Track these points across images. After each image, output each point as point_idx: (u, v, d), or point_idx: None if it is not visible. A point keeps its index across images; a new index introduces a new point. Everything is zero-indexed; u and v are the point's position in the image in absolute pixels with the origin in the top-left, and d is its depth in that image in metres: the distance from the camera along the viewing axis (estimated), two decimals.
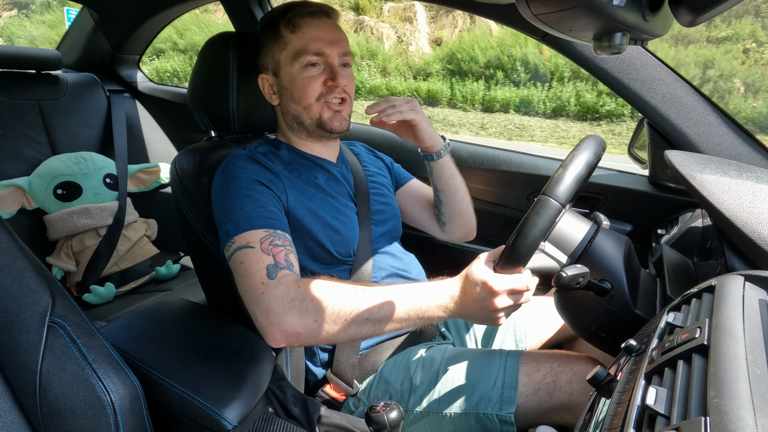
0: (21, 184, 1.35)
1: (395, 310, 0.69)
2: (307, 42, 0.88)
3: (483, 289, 0.65)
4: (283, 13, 0.90)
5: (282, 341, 0.71)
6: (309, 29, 0.89)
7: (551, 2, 0.47)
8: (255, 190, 0.84)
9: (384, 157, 1.19)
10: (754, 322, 0.44)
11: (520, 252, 0.63)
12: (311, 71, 0.89)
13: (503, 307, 0.65)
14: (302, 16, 0.89)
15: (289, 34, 0.89)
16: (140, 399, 0.66)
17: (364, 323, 0.69)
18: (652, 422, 0.38)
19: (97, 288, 1.42)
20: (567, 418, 0.80)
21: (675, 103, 0.97)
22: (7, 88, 1.42)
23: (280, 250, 0.76)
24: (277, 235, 0.78)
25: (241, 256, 0.75)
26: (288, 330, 0.69)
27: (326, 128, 0.93)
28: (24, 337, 0.59)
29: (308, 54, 0.88)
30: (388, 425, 0.59)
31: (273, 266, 0.73)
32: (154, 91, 1.85)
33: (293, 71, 0.90)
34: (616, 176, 1.26)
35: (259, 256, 0.74)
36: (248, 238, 0.76)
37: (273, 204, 0.84)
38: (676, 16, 0.51)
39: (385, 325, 0.70)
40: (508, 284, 0.64)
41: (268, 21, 0.93)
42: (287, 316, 0.69)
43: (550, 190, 0.62)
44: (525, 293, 0.66)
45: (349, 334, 0.70)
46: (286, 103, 0.93)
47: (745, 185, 0.67)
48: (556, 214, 0.62)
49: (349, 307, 0.69)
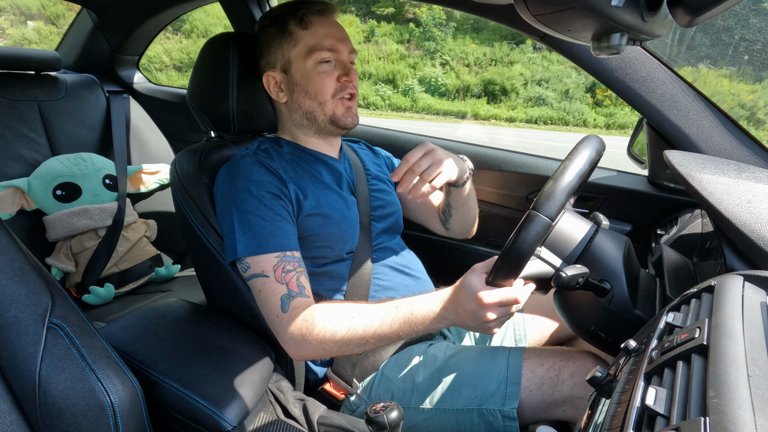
0: (20, 185, 1.35)
1: (393, 327, 0.74)
2: (321, 38, 0.89)
3: (474, 302, 0.66)
4: (292, 10, 0.91)
5: (303, 360, 0.94)
6: (321, 26, 0.90)
7: (549, 3, 0.47)
8: (263, 203, 0.85)
9: (382, 152, 1.20)
10: (754, 322, 0.44)
11: (510, 267, 0.64)
12: (325, 67, 0.90)
13: (493, 319, 0.67)
14: (313, 13, 0.90)
15: (301, 30, 0.90)
16: (140, 400, 0.66)
17: (366, 344, 0.77)
18: (651, 422, 0.38)
19: (96, 289, 1.42)
20: (570, 412, 0.81)
21: (674, 103, 0.97)
22: (6, 88, 1.42)
23: (292, 276, 0.82)
24: (287, 259, 0.83)
25: (258, 284, 0.82)
26: (304, 356, 0.83)
27: (340, 124, 0.94)
28: (23, 338, 0.59)
29: (323, 50, 0.89)
30: (388, 425, 0.59)
31: (286, 296, 0.80)
32: (153, 92, 1.85)
33: (307, 67, 0.90)
34: (616, 176, 1.27)
35: (274, 287, 0.81)
36: (262, 265, 0.82)
37: (281, 216, 0.85)
38: (674, 17, 0.51)
39: (387, 341, 0.76)
40: (498, 297, 0.66)
41: (274, 18, 0.93)
42: (300, 349, 0.79)
43: (539, 206, 0.62)
44: (515, 305, 0.67)
45: (356, 351, 0.79)
46: (298, 99, 0.94)
47: (745, 185, 0.67)
48: (545, 230, 0.62)
49: (350, 334, 0.76)
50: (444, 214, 1.10)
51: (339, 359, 0.93)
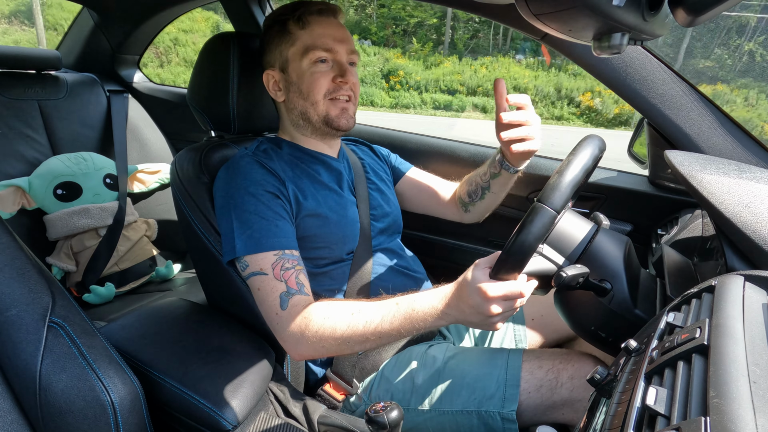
0: (21, 184, 1.35)
1: (394, 324, 0.73)
2: (316, 38, 0.89)
3: (478, 295, 0.66)
4: (292, 10, 0.91)
5: (302, 360, 0.91)
6: (318, 26, 0.90)
7: (550, 2, 0.47)
8: (261, 201, 0.84)
9: (380, 149, 1.20)
10: (755, 322, 0.44)
11: (515, 260, 0.63)
12: (320, 67, 0.90)
13: (498, 313, 0.66)
14: (311, 13, 0.90)
15: (299, 30, 0.90)
16: (140, 399, 0.66)
17: (366, 341, 0.75)
18: (652, 422, 0.38)
19: (97, 288, 1.42)
20: (569, 415, 0.81)
21: (675, 102, 0.97)
22: (7, 88, 1.42)
23: (291, 273, 0.81)
24: (286, 257, 0.82)
25: (257, 282, 0.82)
26: (304, 355, 0.80)
27: (333, 125, 0.93)
28: (24, 337, 0.59)
29: (318, 50, 0.89)
30: (388, 425, 0.59)
31: (285, 293, 0.79)
32: (154, 91, 1.85)
33: (302, 66, 0.90)
34: (616, 176, 1.26)
35: (272, 285, 0.80)
36: (261, 263, 0.81)
37: (280, 215, 0.85)
38: (675, 17, 0.51)
39: (388, 338, 0.75)
40: (502, 291, 0.65)
41: (275, 18, 0.93)
42: (300, 347, 0.78)
43: (545, 198, 0.62)
44: (519, 299, 0.67)
45: (356, 350, 0.77)
46: (293, 98, 0.94)
47: (745, 185, 0.67)
48: (551, 222, 0.62)
49: (350, 331, 0.75)
50: (472, 196, 1.09)
51: (339, 360, 0.93)
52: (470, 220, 1.15)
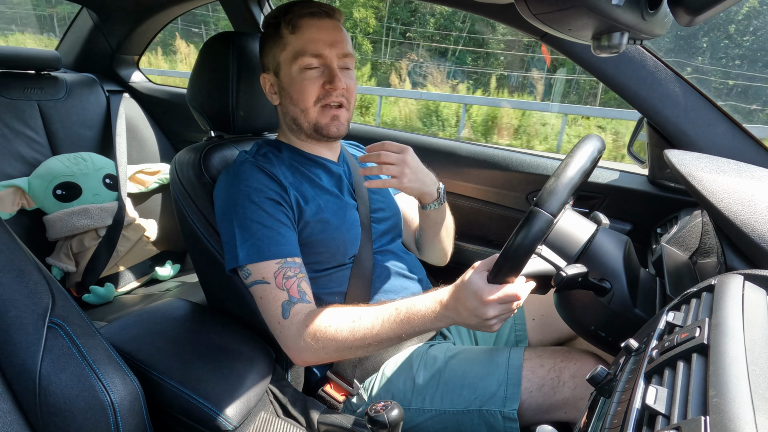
0: (21, 185, 1.35)
1: (395, 329, 0.74)
2: (306, 43, 0.87)
3: (474, 298, 0.66)
4: (284, 12, 0.89)
5: (305, 366, 0.91)
6: (308, 30, 0.88)
7: (550, 2, 0.47)
8: (263, 209, 0.84)
9: None
10: (754, 322, 0.44)
11: (512, 263, 0.64)
12: (309, 74, 0.88)
13: (494, 316, 0.67)
14: (302, 16, 0.88)
15: (289, 34, 0.88)
16: (140, 399, 0.66)
17: (368, 347, 0.77)
18: (652, 422, 0.38)
19: (96, 288, 1.42)
20: (571, 414, 0.81)
21: (674, 102, 0.97)
22: (6, 88, 1.42)
23: (293, 282, 0.82)
24: (288, 265, 0.83)
25: (259, 291, 0.83)
26: (307, 361, 0.81)
27: (323, 133, 0.92)
28: (24, 337, 0.59)
29: (306, 56, 0.87)
30: (388, 425, 0.59)
31: (287, 302, 0.81)
32: (153, 92, 1.85)
33: (292, 72, 0.89)
34: (616, 176, 1.26)
35: (275, 293, 0.81)
36: (263, 272, 0.82)
37: (282, 222, 0.85)
38: (675, 16, 0.51)
39: (389, 343, 0.76)
40: (499, 294, 0.65)
41: (270, 20, 0.92)
42: (303, 354, 0.79)
43: (541, 202, 0.62)
44: (516, 302, 0.67)
45: (358, 355, 0.79)
46: (285, 104, 0.93)
47: (745, 184, 0.67)
48: (548, 227, 0.62)
49: (351, 337, 0.76)
50: (417, 236, 1.11)
51: (339, 361, 0.93)
52: (428, 261, 1.14)
